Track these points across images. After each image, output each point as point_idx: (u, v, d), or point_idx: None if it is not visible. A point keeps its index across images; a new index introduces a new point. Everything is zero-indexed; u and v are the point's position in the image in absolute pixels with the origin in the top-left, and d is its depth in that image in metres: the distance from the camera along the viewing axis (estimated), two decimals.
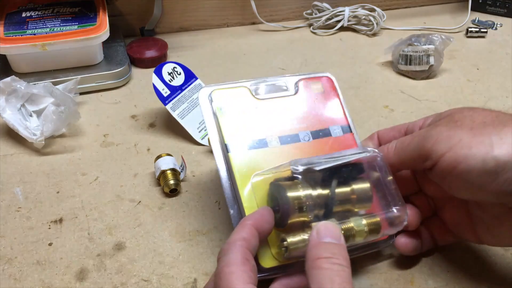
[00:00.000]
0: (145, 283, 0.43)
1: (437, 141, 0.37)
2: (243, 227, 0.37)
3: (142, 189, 0.53)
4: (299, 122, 0.45)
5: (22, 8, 0.71)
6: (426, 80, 0.73)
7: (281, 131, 0.44)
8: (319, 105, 0.47)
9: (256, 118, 0.44)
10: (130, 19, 0.83)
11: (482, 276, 0.44)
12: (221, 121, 0.44)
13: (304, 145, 0.44)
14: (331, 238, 0.34)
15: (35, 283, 0.43)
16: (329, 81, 0.48)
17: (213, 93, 0.45)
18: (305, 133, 0.45)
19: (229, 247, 0.35)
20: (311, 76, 0.48)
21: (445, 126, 0.38)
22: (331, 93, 0.48)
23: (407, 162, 0.40)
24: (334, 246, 0.34)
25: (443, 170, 0.37)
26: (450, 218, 0.43)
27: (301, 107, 0.46)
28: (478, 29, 0.84)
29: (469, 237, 0.42)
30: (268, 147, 0.43)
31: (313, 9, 0.87)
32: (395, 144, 0.41)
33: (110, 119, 0.64)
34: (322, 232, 0.35)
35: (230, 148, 0.42)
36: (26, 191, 0.53)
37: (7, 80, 0.59)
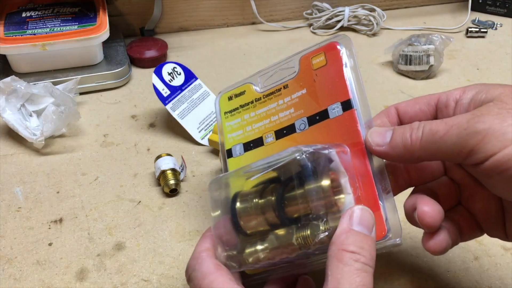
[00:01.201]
0: (145, 283, 0.43)
1: (486, 137, 0.31)
2: (204, 239, 0.37)
3: (142, 189, 0.53)
4: (296, 109, 0.40)
5: (22, 8, 0.71)
6: (426, 80, 0.73)
7: (278, 124, 0.41)
8: (319, 82, 0.39)
9: (255, 116, 0.43)
10: (130, 19, 0.83)
11: (482, 276, 0.44)
12: (225, 126, 0.44)
13: (299, 135, 0.39)
14: (363, 227, 0.31)
15: (35, 283, 0.43)
16: (333, 48, 0.39)
17: (221, 98, 0.45)
18: (301, 120, 0.39)
19: (195, 262, 0.35)
20: (315, 48, 0.40)
21: (495, 116, 0.31)
22: (334, 64, 0.38)
23: (438, 157, 0.33)
24: (363, 239, 0.31)
25: (491, 170, 0.31)
26: (480, 208, 0.37)
27: (300, 89, 0.40)
28: (478, 29, 0.84)
29: (495, 233, 0.37)
30: (263, 145, 0.41)
31: (313, 9, 0.87)
32: (422, 131, 0.33)
33: (110, 119, 0.64)
34: (355, 217, 0.32)
35: (230, 153, 0.43)
36: (26, 191, 0.53)
37: (7, 80, 0.59)
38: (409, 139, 0.33)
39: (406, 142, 0.34)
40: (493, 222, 0.37)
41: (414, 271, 0.44)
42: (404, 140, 0.34)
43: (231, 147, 0.43)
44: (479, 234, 0.39)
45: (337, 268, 0.30)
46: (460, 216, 0.38)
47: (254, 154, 0.41)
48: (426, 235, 0.37)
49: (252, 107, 0.43)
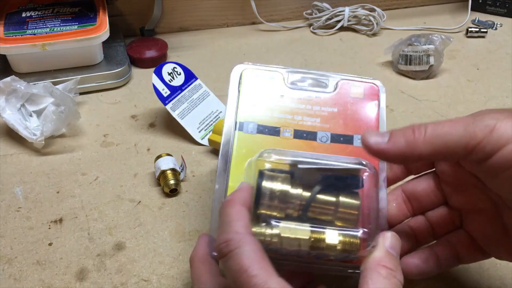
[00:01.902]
0: (145, 283, 0.43)
1: (495, 130, 0.30)
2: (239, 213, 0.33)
3: (142, 189, 0.53)
4: (323, 121, 0.42)
5: (22, 8, 0.71)
6: (426, 80, 0.73)
7: (300, 125, 0.42)
8: (353, 110, 0.43)
9: (278, 106, 0.43)
10: (130, 19, 0.83)
11: (482, 276, 0.44)
12: (241, 99, 0.42)
13: (319, 145, 0.41)
14: (393, 251, 0.35)
15: (35, 283, 0.43)
16: (372, 89, 0.44)
17: (244, 72, 0.43)
18: (324, 133, 0.42)
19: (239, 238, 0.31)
20: (356, 79, 0.44)
21: (501, 114, 0.31)
22: (370, 102, 0.43)
23: (442, 152, 0.33)
24: (396, 261, 0.34)
25: (500, 165, 0.31)
26: (480, 233, 0.38)
27: (331, 106, 0.43)
28: (478, 29, 0.84)
29: (503, 255, 0.37)
30: (279, 136, 0.42)
31: (313, 9, 0.87)
32: (425, 127, 0.33)
33: (110, 119, 0.64)
34: (389, 241, 0.35)
35: (239, 127, 0.41)
36: (26, 191, 0.53)
37: (7, 80, 0.59)
38: (412, 134, 0.33)
39: (408, 137, 0.33)
40: (496, 244, 0.37)
41: None
42: (406, 136, 0.33)
43: (243, 121, 0.42)
44: (482, 258, 0.39)
45: (377, 278, 0.32)
46: (459, 239, 0.39)
47: (267, 140, 0.41)
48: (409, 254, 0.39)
49: (279, 96, 0.43)
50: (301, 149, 0.41)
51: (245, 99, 0.43)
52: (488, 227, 0.37)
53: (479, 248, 0.38)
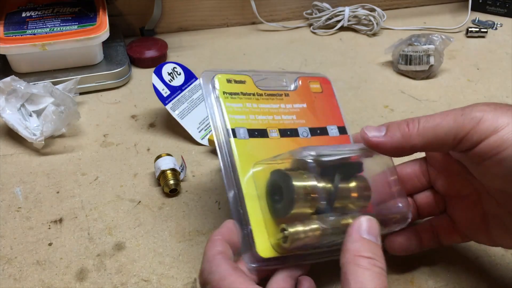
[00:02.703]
0: (145, 283, 0.43)
1: (480, 122, 0.33)
2: (213, 243, 0.36)
3: (142, 189, 0.53)
4: (298, 117, 0.45)
5: (22, 8, 0.71)
6: (426, 80, 0.73)
7: (281, 124, 0.44)
8: (317, 104, 0.47)
9: (258, 108, 0.44)
10: (130, 19, 0.83)
11: (482, 276, 0.44)
12: (225, 105, 0.42)
13: (303, 140, 0.44)
14: (371, 236, 0.34)
15: (35, 283, 0.43)
16: (326, 82, 0.49)
17: (216, 77, 0.44)
18: (304, 129, 0.45)
19: (211, 265, 0.35)
20: (310, 75, 0.49)
21: (488, 107, 0.34)
22: (328, 94, 0.48)
23: (434, 143, 0.36)
24: (374, 246, 0.33)
25: (484, 154, 0.34)
26: (462, 218, 0.41)
27: (300, 102, 0.46)
28: (478, 29, 0.84)
29: (481, 239, 0.40)
30: (268, 137, 0.43)
31: (313, 9, 0.87)
32: (418, 120, 0.36)
33: (110, 119, 0.64)
34: (364, 227, 0.34)
35: (233, 134, 0.41)
36: (26, 191, 0.53)
37: (7, 80, 0.59)
38: (406, 128, 0.36)
39: (403, 130, 0.36)
40: (476, 229, 0.40)
41: (414, 271, 0.44)
42: (402, 129, 0.36)
43: (235, 128, 0.42)
44: (460, 241, 0.42)
45: (356, 272, 0.32)
46: (441, 222, 0.42)
47: (259, 143, 0.42)
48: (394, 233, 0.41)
49: (254, 99, 0.44)
50: (289, 146, 0.43)
51: (228, 106, 0.43)
52: (469, 212, 0.40)
53: (459, 231, 0.41)
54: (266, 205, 0.39)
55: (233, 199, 0.39)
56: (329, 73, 0.50)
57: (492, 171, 0.34)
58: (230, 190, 0.40)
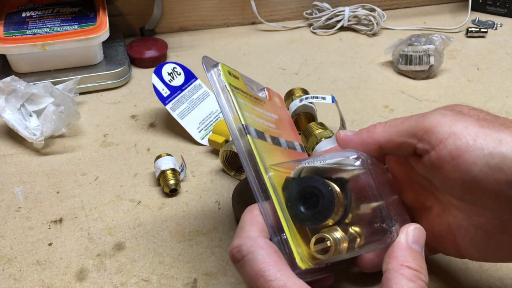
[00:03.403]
0: (145, 283, 0.43)
1: (439, 124, 0.33)
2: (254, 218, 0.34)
3: (142, 189, 0.53)
4: (276, 126, 0.43)
5: (22, 8, 0.71)
6: (426, 80, 0.72)
7: (270, 131, 0.41)
8: (282, 118, 0.45)
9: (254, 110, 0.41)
10: (130, 19, 0.83)
11: (482, 276, 0.44)
12: (237, 98, 0.39)
13: (287, 151, 0.42)
14: (418, 246, 0.33)
15: (35, 283, 0.43)
16: (281, 99, 0.49)
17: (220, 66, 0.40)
18: (283, 140, 0.43)
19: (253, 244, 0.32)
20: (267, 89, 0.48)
21: (449, 110, 0.34)
22: (284, 111, 0.48)
23: (395, 142, 0.36)
24: (420, 258, 0.33)
25: (441, 158, 0.33)
26: (428, 230, 0.38)
27: (274, 113, 0.44)
28: (478, 29, 0.83)
29: (449, 251, 0.39)
30: (266, 141, 0.40)
31: (313, 9, 0.87)
32: (386, 122, 0.38)
33: (110, 119, 0.64)
34: (412, 236, 0.33)
35: (247, 130, 0.38)
36: (26, 191, 0.53)
37: (6, 80, 0.59)
38: (373, 127, 0.38)
39: (370, 128, 0.38)
40: (443, 240, 0.39)
41: None
42: (369, 128, 0.38)
43: (247, 125, 0.38)
44: (429, 253, 0.41)
45: (401, 282, 0.31)
46: None
47: (263, 145, 0.39)
48: None
49: (248, 98, 0.42)
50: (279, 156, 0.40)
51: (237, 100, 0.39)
52: (435, 224, 0.39)
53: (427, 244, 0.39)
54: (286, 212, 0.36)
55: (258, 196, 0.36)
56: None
57: (452, 176, 0.33)
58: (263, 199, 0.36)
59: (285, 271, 0.31)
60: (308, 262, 0.34)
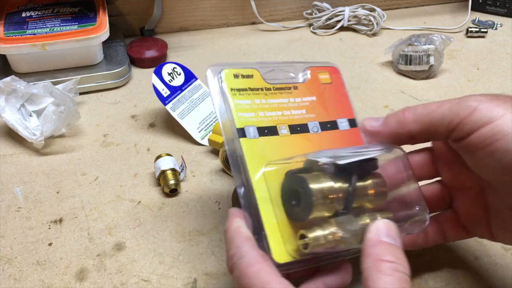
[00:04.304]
0: (145, 283, 0.43)
1: (476, 111, 0.33)
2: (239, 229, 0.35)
3: (142, 189, 0.53)
4: (308, 111, 0.43)
5: (22, 8, 0.71)
6: (426, 80, 0.73)
7: (291, 120, 0.42)
8: (327, 96, 0.44)
9: (267, 104, 0.42)
10: (130, 19, 0.83)
11: (482, 276, 0.44)
12: (234, 103, 0.40)
13: (314, 136, 0.42)
14: (391, 239, 0.32)
15: (35, 283, 0.43)
16: (335, 72, 0.46)
17: (223, 72, 0.41)
18: (314, 123, 0.43)
19: (240, 251, 0.34)
20: (318, 65, 0.46)
21: (485, 97, 0.34)
22: (338, 85, 0.46)
23: (429, 130, 0.36)
24: (395, 249, 0.32)
25: (477, 144, 0.33)
26: (464, 211, 0.40)
27: (310, 95, 0.44)
28: (478, 29, 0.84)
29: (482, 233, 0.40)
30: (278, 135, 0.40)
31: (313, 9, 0.87)
32: (416, 108, 0.37)
33: (110, 119, 0.64)
34: (382, 230, 0.33)
35: (242, 133, 0.39)
36: (26, 191, 0.53)
37: (6, 80, 0.59)
38: (402, 114, 0.37)
39: (399, 117, 0.37)
40: (477, 222, 0.39)
41: (414, 271, 0.44)
42: (397, 116, 0.38)
43: (244, 127, 0.39)
44: (465, 236, 0.42)
45: (379, 279, 0.30)
46: (446, 217, 0.42)
47: (269, 141, 0.40)
48: None
49: (263, 94, 0.42)
50: (300, 143, 0.41)
51: (237, 103, 0.40)
52: (472, 205, 0.39)
53: (463, 226, 0.41)
54: (280, 208, 0.37)
55: (244, 201, 0.37)
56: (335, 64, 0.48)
57: (484, 162, 0.34)
58: (240, 188, 0.38)
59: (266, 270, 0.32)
60: (294, 255, 0.36)
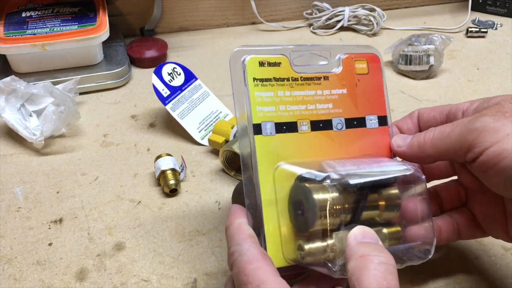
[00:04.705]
0: (145, 283, 0.43)
1: (481, 133, 0.34)
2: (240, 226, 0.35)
3: (142, 189, 0.53)
4: (335, 106, 0.40)
5: (22, 8, 0.71)
6: (426, 80, 0.73)
7: (314, 115, 0.39)
8: (360, 88, 0.41)
9: (291, 96, 0.39)
10: (130, 19, 0.83)
11: (482, 276, 0.44)
12: (254, 95, 0.37)
13: (336, 134, 0.39)
14: (368, 239, 0.33)
15: (35, 283, 0.43)
16: (375, 60, 0.42)
17: (248, 59, 0.38)
18: (339, 120, 0.40)
19: (241, 248, 0.34)
20: (357, 51, 0.42)
21: (492, 117, 0.35)
22: (375, 76, 0.41)
23: (445, 154, 0.37)
24: (374, 245, 0.32)
25: (485, 164, 0.34)
26: (481, 212, 0.41)
27: (340, 88, 0.40)
28: (478, 29, 0.84)
29: (499, 235, 0.40)
30: (297, 132, 0.38)
31: (313, 9, 0.87)
32: (433, 133, 0.38)
33: (110, 119, 0.64)
34: (360, 234, 0.33)
35: (258, 130, 0.37)
36: (26, 191, 0.53)
37: (6, 80, 0.59)
38: (422, 139, 0.38)
39: (420, 141, 0.38)
40: (494, 224, 0.40)
41: (414, 271, 0.44)
42: (418, 141, 0.39)
43: (261, 123, 0.37)
44: (480, 235, 0.42)
45: (363, 275, 0.30)
46: (461, 216, 0.42)
47: (286, 139, 0.38)
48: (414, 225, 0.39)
49: (288, 85, 0.39)
50: (320, 142, 0.39)
51: (258, 95, 0.37)
52: (490, 207, 0.40)
53: (478, 225, 0.41)
54: (284, 212, 0.36)
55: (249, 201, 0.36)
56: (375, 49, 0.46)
57: (495, 180, 0.35)
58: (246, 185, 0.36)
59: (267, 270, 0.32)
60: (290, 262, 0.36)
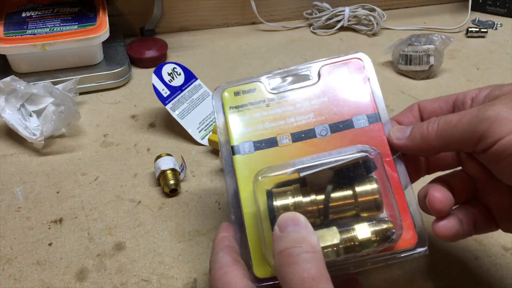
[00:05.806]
0: (145, 283, 0.43)
1: (495, 123, 0.33)
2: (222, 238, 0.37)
3: (142, 189, 0.53)
4: (316, 115, 0.41)
5: (22, 8, 0.71)
6: (426, 80, 0.73)
7: (295, 127, 0.41)
8: (343, 93, 0.42)
9: (268, 115, 0.41)
10: (130, 19, 0.83)
11: (482, 276, 0.44)
12: (230, 121, 0.41)
13: (320, 140, 0.40)
14: (294, 226, 0.32)
15: (35, 283, 0.43)
16: (357, 64, 0.42)
17: (225, 92, 0.42)
18: (322, 127, 0.41)
19: (216, 257, 0.35)
20: (337, 59, 0.43)
21: (505, 105, 0.33)
22: (358, 78, 0.42)
23: (452, 144, 0.35)
24: (294, 234, 0.31)
25: (499, 154, 0.33)
26: (493, 203, 0.39)
27: (320, 97, 0.42)
28: (478, 29, 0.84)
29: (510, 228, 0.39)
30: (278, 146, 0.40)
31: (313, 9, 0.87)
32: (438, 122, 0.36)
33: (110, 119, 0.64)
34: (282, 224, 0.32)
35: (236, 150, 0.40)
36: (26, 191, 0.53)
37: (6, 80, 0.59)
38: (425, 130, 0.36)
39: (423, 133, 0.36)
40: (506, 216, 0.38)
41: (414, 272, 0.44)
42: (421, 132, 0.36)
43: (238, 144, 0.40)
44: (495, 229, 0.40)
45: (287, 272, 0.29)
46: (476, 209, 0.39)
47: (266, 154, 0.40)
48: (437, 219, 0.38)
49: (264, 106, 0.42)
50: (303, 150, 0.40)
51: (233, 121, 0.41)
52: (501, 196, 0.38)
53: (493, 218, 0.39)
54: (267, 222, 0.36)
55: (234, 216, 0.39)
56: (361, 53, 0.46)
57: (508, 171, 0.33)
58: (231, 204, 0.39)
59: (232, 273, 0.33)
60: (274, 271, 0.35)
